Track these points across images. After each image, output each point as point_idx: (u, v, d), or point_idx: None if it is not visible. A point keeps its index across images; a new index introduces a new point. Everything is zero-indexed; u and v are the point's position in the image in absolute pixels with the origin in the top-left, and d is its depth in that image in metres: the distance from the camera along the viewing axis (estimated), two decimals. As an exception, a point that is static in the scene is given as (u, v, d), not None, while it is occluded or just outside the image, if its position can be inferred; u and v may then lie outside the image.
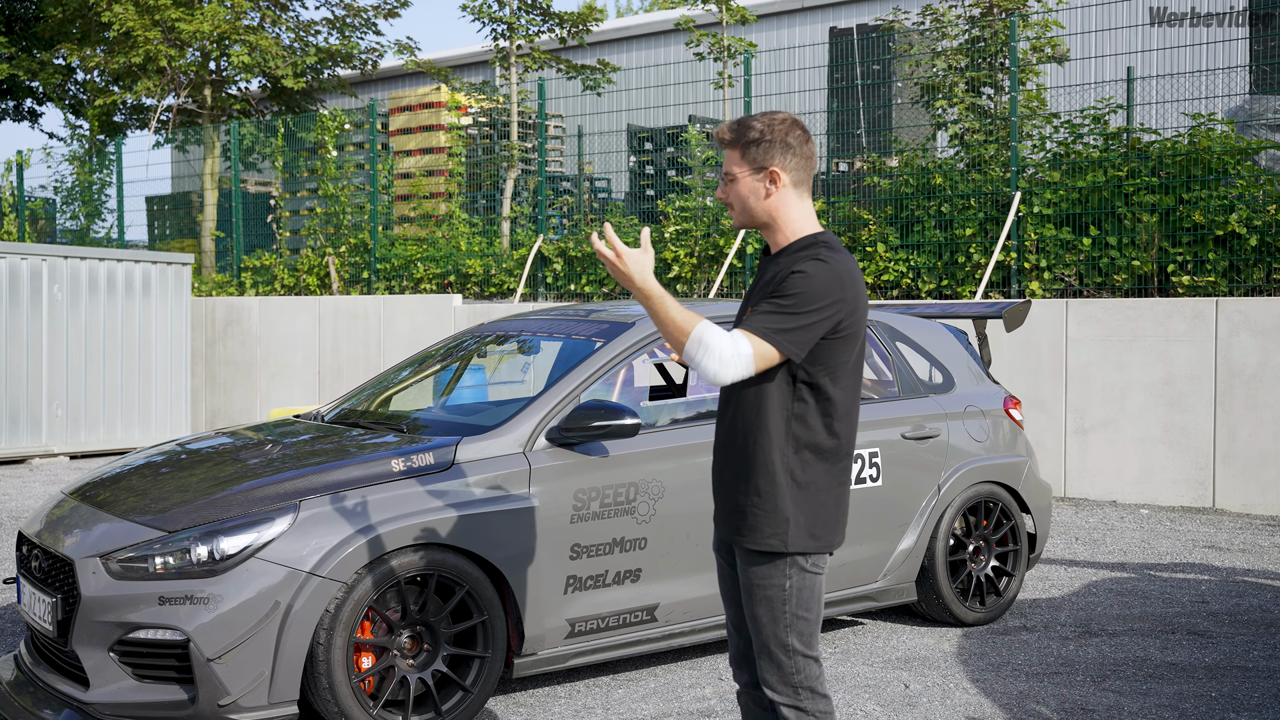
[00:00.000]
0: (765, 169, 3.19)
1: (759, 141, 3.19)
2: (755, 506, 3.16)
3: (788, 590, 3.16)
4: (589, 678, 5.17)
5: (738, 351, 3.02)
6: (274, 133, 16.92)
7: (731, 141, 3.23)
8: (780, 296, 3.08)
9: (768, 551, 3.16)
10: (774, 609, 3.16)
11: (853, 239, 11.71)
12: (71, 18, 18.69)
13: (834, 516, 3.22)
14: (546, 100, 14.14)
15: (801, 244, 3.20)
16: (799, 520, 3.15)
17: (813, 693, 3.18)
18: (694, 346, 3.03)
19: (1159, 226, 10.30)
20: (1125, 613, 6.27)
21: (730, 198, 3.26)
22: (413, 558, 4.36)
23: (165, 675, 4.16)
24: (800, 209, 3.24)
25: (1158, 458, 9.56)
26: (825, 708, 3.20)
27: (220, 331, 15.03)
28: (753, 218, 3.25)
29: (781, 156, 3.19)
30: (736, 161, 3.22)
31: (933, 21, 12.91)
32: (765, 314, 3.07)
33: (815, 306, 3.07)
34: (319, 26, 18.43)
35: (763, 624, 3.18)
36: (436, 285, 14.36)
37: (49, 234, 19.82)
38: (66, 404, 12.56)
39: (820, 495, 3.18)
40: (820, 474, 3.18)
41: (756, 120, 3.21)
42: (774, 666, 3.18)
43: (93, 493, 4.90)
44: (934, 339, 6.34)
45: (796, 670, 3.17)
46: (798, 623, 3.17)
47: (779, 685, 3.18)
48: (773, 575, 3.16)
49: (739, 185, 3.23)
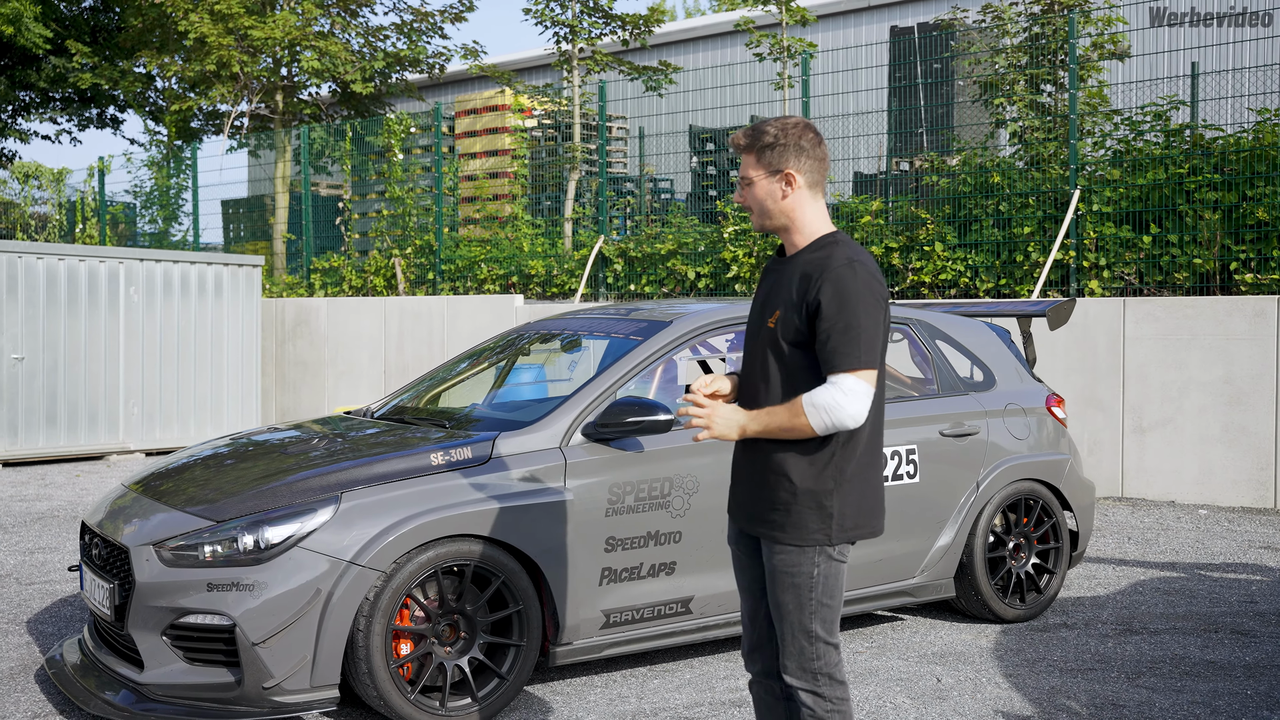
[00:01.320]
0: (780, 171, 3.31)
1: (773, 145, 3.30)
2: (796, 500, 3.24)
3: (815, 578, 3.26)
4: (626, 668, 5.29)
5: (847, 391, 3.15)
6: (343, 137, 17.29)
7: (747, 146, 3.35)
8: (840, 315, 3.16)
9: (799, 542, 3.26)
10: (801, 596, 3.26)
11: (910, 238, 11.70)
12: (151, 27, 19.25)
13: (874, 506, 3.33)
14: (609, 102, 14.30)
15: (818, 244, 3.31)
16: (841, 511, 3.25)
17: (831, 679, 3.27)
18: (817, 419, 3.16)
19: (1221, 224, 10.16)
20: (1169, 611, 6.25)
21: (749, 201, 3.37)
22: (450, 549, 4.51)
23: (214, 658, 4.35)
24: (815, 209, 3.35)
25: (1217, 457, 9.45)
26: (842, 694, 3.30)
27: (290, 331, 15.40)
28: (771, 219, 3.36)
29: (796, 159, 3.30)
30: (753, 165, 3.34)
31: (993, 19, 12.85)
32: (839, 342, 3.16)
33: (870, 313, 3.19)
34: (387, 31, 18.77)
35: (788, 610, 3.27)
36: (500, 286, 14.58)
37: (129, 237, 20.42)
38: (142, 402, 12.98)
39: (859, 486, 3.28)
40: (857, 465, 3.27)
41: (770, 125, 3.32)
42: (796, 653, 3.28)
43: (154, 484, 5.12)
44: (975, 337, 6.36)
45: (817, 656, 3.26)
46: (822, 609, 3.26)
47: (798, 671, 3.28)
48: (802, 563, 3.25)
49: (756, 189, 3.34)
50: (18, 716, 4.70)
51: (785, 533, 3.26)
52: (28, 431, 12.18)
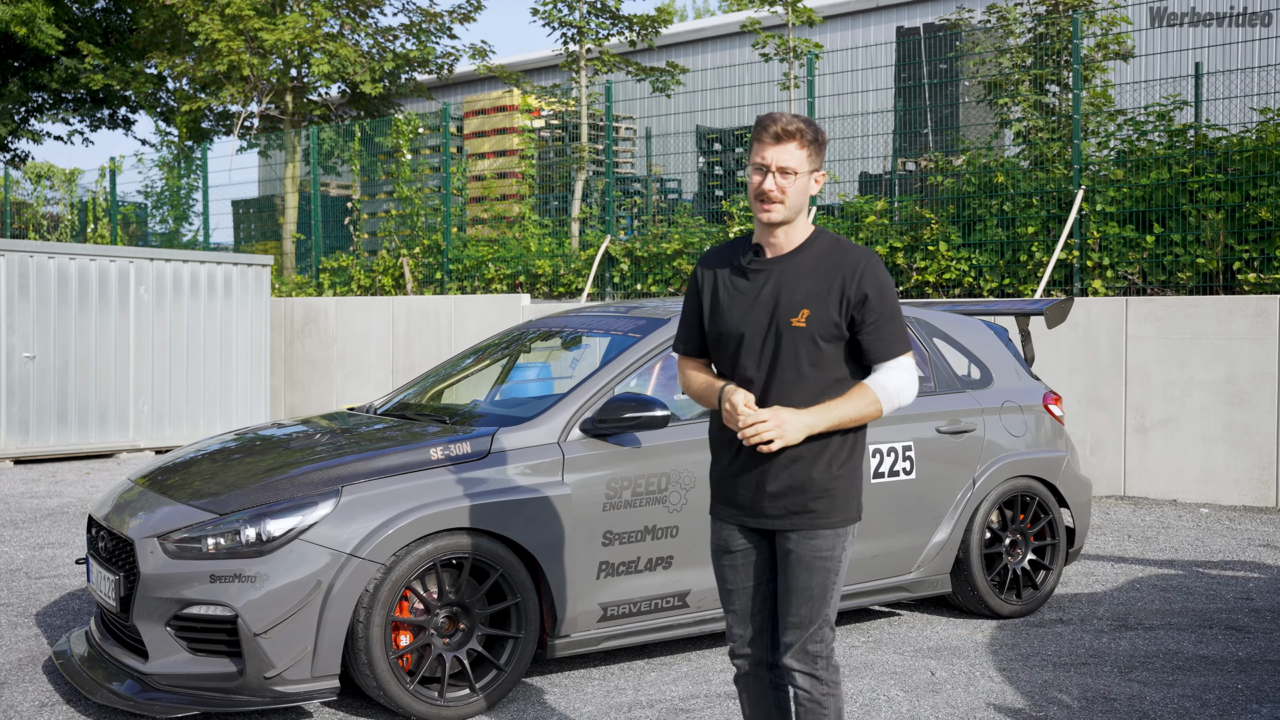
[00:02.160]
0: (818, 169, 3.38)
1: (820, 144, 3.34)
2: (836, 485, 3.35)
3: (843, 560, 3.40)
4: (623, 661, 5.36)
5: (907, 370, 3.37)
6: (352, 137, 17.39)
7: (808, 140, 3.31)
8: (883, 307, 3.32)
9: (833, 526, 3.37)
10: (829, 579, 3.37)
11: (915, 238, 11.74)
12: (162, 28, 19.37)
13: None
14: (617, 102, 14.37)
15: (812, 240, 3.40)
16: (859, 492, 3.45)
17: (828, 663, 3.39)
18: (889, 402, 3.36)
19: (1224, 223, 10.19)
20: (1165, 608, 6.30)
21: (786, 191, 3.30)
22: (448, 541, 4.59)
23: (216, 648, 4.43)
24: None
25: (1219, 457, 9.48)
26: (837, 679, 3.42)
27: (299, 331, 15.50)
28: (795, 214, 3.35)
29: (823, 160, 3.39)
30: (803, 159, 3.30)
31: (998, 20, 12.89)
32: (890, 330, 3.34)
33: (897, 301, 3.41)
34: (396, 32, 18.87)
35: (814, 594, 3.35)
36: (507, 285, 14.66)
37: (140, 237, 20.56)
38: (152, 400, 13.08)
39: (860, 469, 3.45)
40: (861, 448, 3.46)
41: (813, 124, 3.35)
42: (808, 637, 3.36)
43: (159, 478, 5.22)
44: (973, 335, 6.41)
45: (823, 640, 3.37)
46: (838, 592, 3.41)
47: (801, 654, 3.37)
48: (836, 546, 3.37)
49: (799, 181, 3.31)
50: (26, 705, 4.79)
51: (829, 517, 3.34)
52: (39, 429, 12.29)
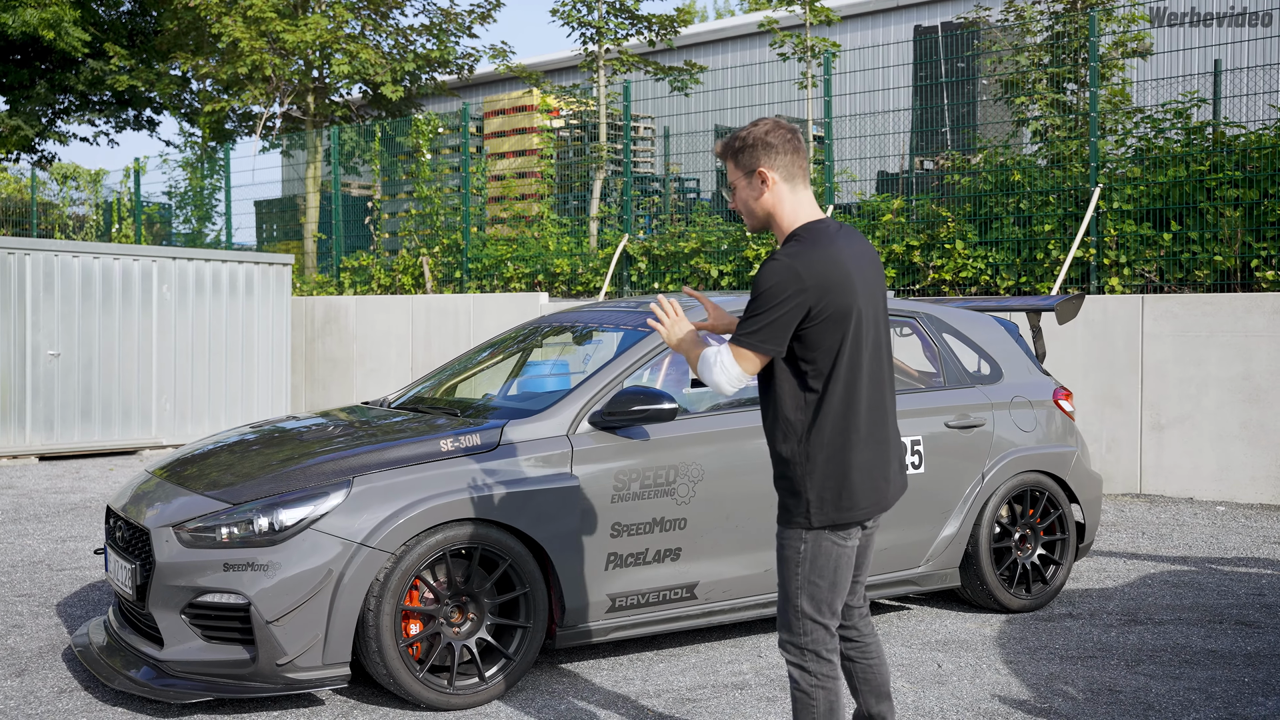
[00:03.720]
0: (754, 171, 3.44)
1: (743, 148, 3.45)
2: (781, 484, 3.47)
3: (802, 553, 3.45)
4: (633, 652, 5.41)
5: (720, 362, 3.38)
6: (373, 137, 17.51)
7: (723, 154, 3.54)
8: (750, 303, 3.34)
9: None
10: (789, 570, 3.46)
11: (931, 236, 11.75)
12: (186, 30, 19.57)
13: (856, 490, 3.41)
14: (636, 102, 14.43)
15: (785, 241, 3.44)
16: (819, 496, 3.42)
17: (818, 657, 3.44)
18: (699, 366, 3.46)
19: (1242, 221, 10.16)
20: (1176, 603, 6.30)
21: (737, 205, 3.54)
22: (458, 531, 4.65)
23: (229, 636, 4.51)
24: (793, 203, 3.46)
25: (1236, 454, 9.46)
26: (828, 672, 3.45)
27: (319, 329, 15.63)
28: (757, 219, 3.51)
29: (766, 157, 3.42)
30: (732, 171, 3.51)
31: (1015, 18, 12.88)
32: (741, 322, 3.37)
33: (775, 303, 3.28)
34: (417, 32, 18.98)
35: (781, 584, 3.50)
36: (526, 284, 14.74)
37: (164, 237, 20.75)
38: (174, 398, 13.22)
39: (833, 470, 3.40)
40: (828, 451, 3.40)
41: (742, 131, 3.50)
42: (785, 625, 3.50)
43: (177, 469, 5.30)
44: (983, 331, 6.44)
45: (805, 633, 3.44)
46: (810, 586, 3.43)
47: (788, 644, 3.49)
48: (791, 539, 3.45)
49: (740, 192, 3.51)
50: (46, 691, 4.88)
51: (785, 514, 3.46)
52: (63, 426, 12.44)
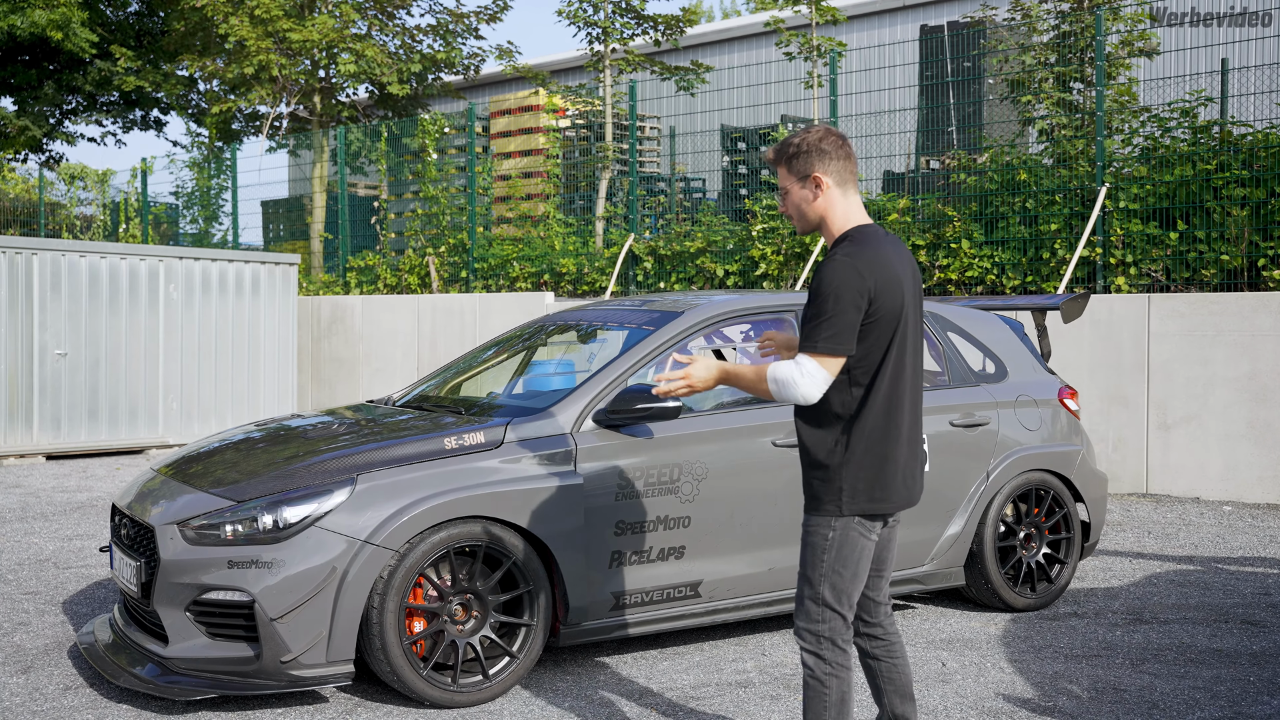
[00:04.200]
0: (809, 176, 3.59)
1: (798, 154, 3.60)
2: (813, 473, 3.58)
3: (829, 541, 3.56)
4: (636, 650, 5.41)
5: (804, 372, 3.41)
6: (379, 137, 17.53)
7: (776, 159, 3.68)
8: (813, 303, 3.44)
9: None
10: (814, 558, 3.56)
11: (937, 235, 11.74)
12: (193, 31, 19.62)
13: (888, 482, 3.57)
14: (642, 101, 14.43)
15: (836, 242, 3.58)
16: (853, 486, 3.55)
17: (834, 645, 3.55)
18: (775, 389, 3.47)
19: (1249, 220, 10.14)
20: (1182, 602, 6.29)
21: (788, 209, 3.68)
22: (461, 529, 4.65)
23: (234, 633, 4.52)
24: (845, 207, 3.61)
25: (1243, 454, 9.43)
26: (842, 661, 3.57)
27: (325, 329, 15.65)
28: (809, 222, 3.66)
29: (820, 163, 3.58)
30: (785, 176, 3.65)
31: (1022, 17, 12.86)
32: (812, 327, 3.43)
33: (844, 303, 3.40)
34: (424, 32, 19.01)
35: (804, 572, 3.58)
36: (532, 284, 14.75)
37: (171, 237, 20.80)
38: (181, 397, 13.25)
39: (870, 462, 3.55)
40: (867, 443, 3.54)
41: (795, 137, 3.64)
42: (804, 613, 3.57)
43: (182, 467, 5.30)
44: (988, 330, 6.43)
45: (823, 620, 3.53)
46: (833, 576, 3.53)
47: (805, 632, 3.57)
48: (819, 527, 3.55)
49: (792, 195, 3.64)
50: (51, 688, 4.89)
51: (812, 502, 3.57)
52: (70, 426, 12.47)
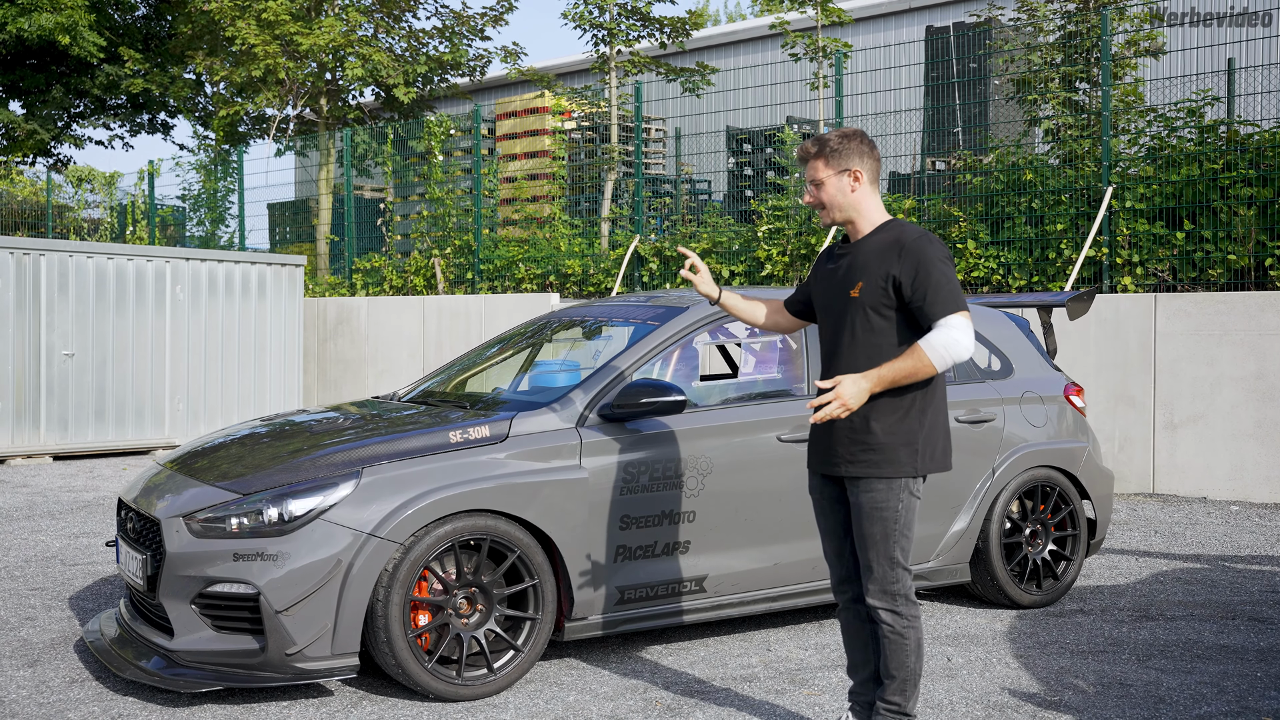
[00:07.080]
0: (848, 169, 3.91)
1: (839, 149, 3.92)
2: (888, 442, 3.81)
3: (900, 511, 3.83)
4: (642, 645, 5.41)
5: (955, 327, 3.70)
6: (385, 140, 17.55)
7: (817, 153, 3.95)
8: (929, 276, 3.72)
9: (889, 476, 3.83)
10: (888, 527, 3.83)
11: (943, 236, 11.73)
12: (200, 34, 19.65)
13: (947, 445, 3.98)
14: (648, 103, 14.43)
15: (882, 229, 3.91)
16: (928, 450, 3.89)
17: (907, 599, 3.85)
18: (938, 358, 3.69)
19: (1256, 220, 10.12)
20: (1188, 599, 6.27)
21: (821, 198, 3.95)
22: (466, 523, 4.66)
23: (239, 626, 4.52)
24: (875, 202, 3.96)
25: (1250, 453, 9.41)
26: (916, 613, 3.87)
27: (331, 330, 15.67)
28: (842, 212, 3.95)
29: (858, 159, 3.92)
30: (823, 168, 3.93)
31: (1028, 17, 12.85)
32: (934, 295, 3.71)
33: (947, 270, 3.76)
34: (430, 34, 19.03)
35: (875, 540, 3.82)
36: (537, 285, 14.76)
37: (178, 240, 20.83)
38: (187, 398, 13.27)
39: (939, 427, 3.95)
40: (935, 410, 3.93)
41: (832, 134, 3.97)
42: (880, 578, 3.84)
43: (188, 461, 5.31)
44: (994, 327, 6.42)
45: (896, 580, 3.83)
46: (902, 539, 3.84)
47: (880, 594, 3.84)
48: (890, 499, 3.83)
49: (828, 186, 3.93)
50: (57, 681, 4.90)
51: (880, 469, 3.80)
52: (77, 426, 12.49)
